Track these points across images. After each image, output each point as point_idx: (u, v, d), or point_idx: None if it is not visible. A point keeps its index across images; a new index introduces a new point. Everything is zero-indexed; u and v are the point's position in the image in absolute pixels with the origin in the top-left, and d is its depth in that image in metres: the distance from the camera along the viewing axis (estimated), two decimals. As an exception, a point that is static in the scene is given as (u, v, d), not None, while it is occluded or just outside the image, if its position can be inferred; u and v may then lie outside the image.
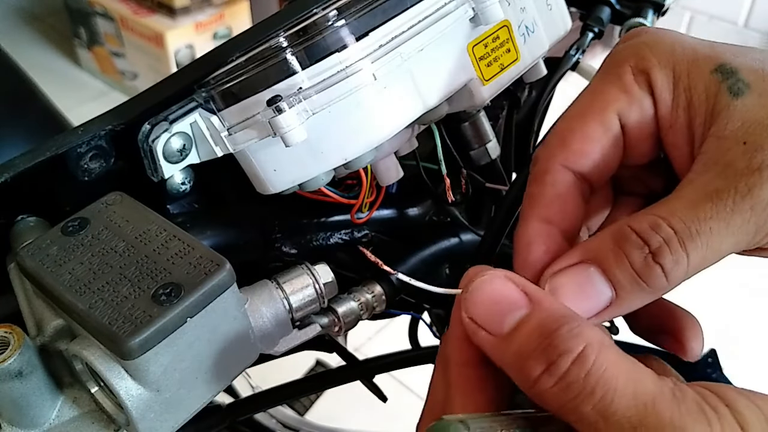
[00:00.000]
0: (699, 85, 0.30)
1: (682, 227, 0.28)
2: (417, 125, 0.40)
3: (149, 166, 0.37)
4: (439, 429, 0.25)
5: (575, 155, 0.32)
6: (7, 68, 0.89)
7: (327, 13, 0.33)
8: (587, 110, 0.33)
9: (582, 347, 0.25)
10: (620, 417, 0.24)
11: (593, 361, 0.25)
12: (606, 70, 0.34)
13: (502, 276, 0.29)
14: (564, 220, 0.32)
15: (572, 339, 0.26)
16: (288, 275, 0.39)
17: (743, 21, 2.37)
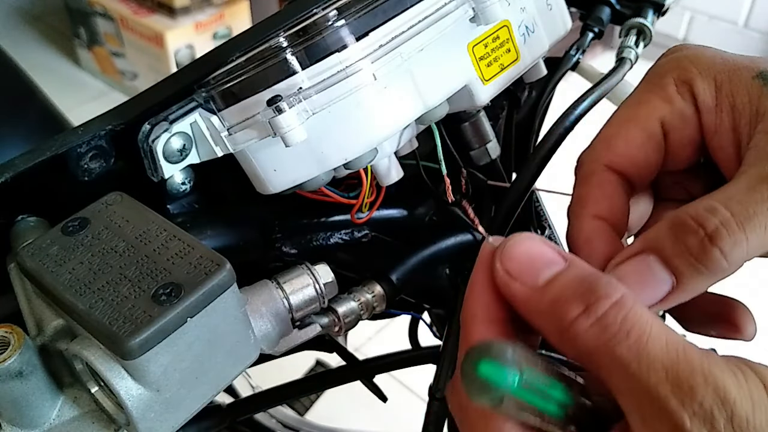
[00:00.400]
0: (741, 90, 0.32)
1: (740, 209, 0.29)
2: (417, 125, 0.40)
3: (149, 166, 0.37)
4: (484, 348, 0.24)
5: (619, 158, 0.34)
6: (7, 68, 0.89)
7: (327, 13, 0.33)
8: (632, 117, 0.34)
9: (620, 295, 0.26)
10: (653, 359, 0.25)
11: (630, 307, 0.26)
12: (649, 81, 0.35)
13: (539, 238, 0.30)
14: (613, 217, 0.34)
15: (611, 287, 0.27)
16: (288, 275, 0.39)
17: (743, 21, 2.37)
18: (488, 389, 0.23)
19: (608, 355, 0.26)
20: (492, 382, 0.23)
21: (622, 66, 0.46)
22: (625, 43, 0.50)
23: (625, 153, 0.34)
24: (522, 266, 0.29)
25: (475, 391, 0.24)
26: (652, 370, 0.25)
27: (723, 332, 0.35)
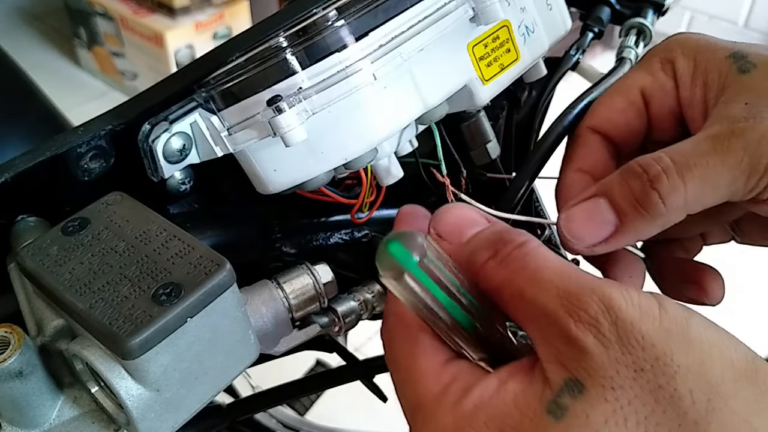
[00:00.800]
0: (714, 67, 0.35)
1: (681, 159, 0.32)
2: (417, 125, 0.40)
3: (149, 166, 0.37)
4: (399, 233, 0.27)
5: (601, 121, 0.38)
6: (7, 68, 0.89)
7: (327, 13, 0.33)
8: (616, 87, 0.39)
9: (525, 240, 0.29)
10: (546, 282, 0.27)
11: (532, 248, 0.29)
12: (640, 61, 0.40)
13: (468, 206, 0.33)
14: (596, 171, 0.37)
15: (517, 234, 0.29)
16: (288, 275, 0.39)
17: (743, 21, 2.37)
18: (392, 264, 0.26)
19: (510, 287, 0.28)
20: (396, 257, 0.26)
21: (622, 66, 0.46)
22: (625, 43, 0.50)
23: (606, 117, 0.38)
24: (450, 228, 0.32)
25: (383, 265, 0.26)
26: (545, 291, 0.27)
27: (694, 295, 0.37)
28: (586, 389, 0.25)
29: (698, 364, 0.24)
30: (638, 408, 0.24)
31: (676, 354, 0.25)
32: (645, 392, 0.24)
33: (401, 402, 0.30)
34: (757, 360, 0.25)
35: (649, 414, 0.24)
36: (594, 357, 0.25)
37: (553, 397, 0.25)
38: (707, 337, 0.25)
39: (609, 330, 0.25)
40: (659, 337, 0.25)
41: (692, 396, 0.24)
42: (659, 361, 0.24)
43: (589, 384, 0.25)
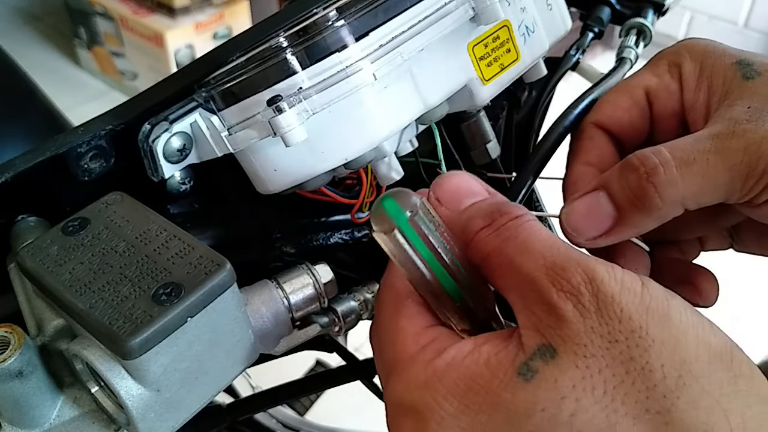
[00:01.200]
0: (719, 73, 0.36)
1: (681, 154, 0.32)
2: (417, 125, 0.40)
3: (149, 166, 0.37)
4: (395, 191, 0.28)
5: (606, 118, 0.39)
6: (7, 68, 0.89)
7: (327, 13, 0.33)
8: (621, 86, 0.39)
9: (522, 213, 0.30)
10: (535, 252, 0.28)
11: (527, 221, 0.29)
12: (647, 63, 0.40)
13: (470, 175, 0.33)
14: (601, 164, 0.38)
15: (515, 208, 0.30)
16: (288, 275, 0.39)
17: (743, 21, 2.37)
18: (384, 218, 0.27)
19: (499, 255, 0.29)
20: (389, 212, 0.27)
21: (622, 66, 0.46)
22: (625, 43, 0.50)
23: (611, 114, 0.38)
24: (449, 195, 0.32)
25: (375, 219, 0.28)
26: (532, 260, 0.27)
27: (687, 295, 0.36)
28: (558, 355, 0.25)
29: (674, 340, 0.25)
30: (608, 377, 0.24)
31: (652, 328, 0.25)
32: (616, 363, 0.24)
33: (378, 366, 0.31)
34: (734, 348, 0.25)
35: (618, 384, 0.24)
36: (571, 325, 0.25)
37: (525, 360, 0.26)
38: (686, 317, 0.25)
39: (589, 300, 0.25)
40: (638, 311, 0.25)
41: (663, 370, 0.24)
42: (634, 334, 0.25)
43: (561, 350, 0.25)
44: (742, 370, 0.25)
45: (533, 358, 0.25)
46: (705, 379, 0.24)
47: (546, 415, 0.24)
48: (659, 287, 0.26)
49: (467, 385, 0.26)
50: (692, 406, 0.23)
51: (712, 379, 0.24)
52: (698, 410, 0.23)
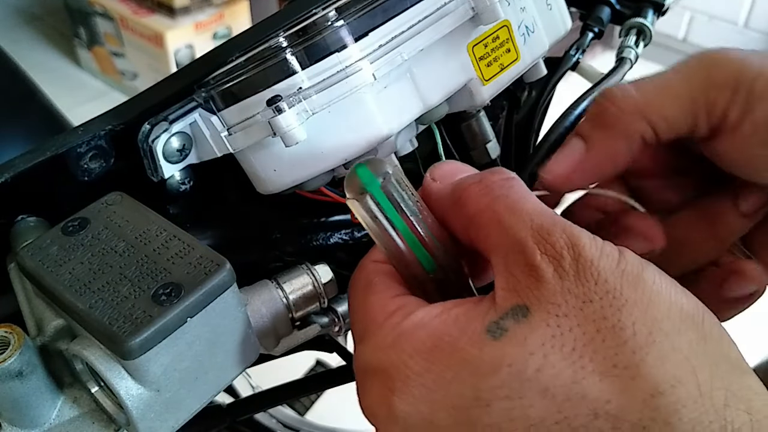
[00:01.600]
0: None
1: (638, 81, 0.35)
2: (417, 125, 0.40)
3: (149, 166, 0.37)
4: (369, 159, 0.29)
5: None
6: (7, 68, 0.89)
7: (327, 13, 0.33)
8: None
9: (512, 176, 0.30)
10: (524, 213, 0.28)
11: (518, 182, 0.30)
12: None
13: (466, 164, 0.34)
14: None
15: (507, 172, 0.30)
16: (288, 275, 0.39)
17: (743, 21, 2.37)
18: (356, 184, 0.28)
19: (488, 212, 0.29)
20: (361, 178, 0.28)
21: (622, 66, 0.46)
22: (625, 43, 0.50)
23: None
24: (444, 172, 0.33)
25: (348, 185, 0.29)
26: (521, 221, 0.28)
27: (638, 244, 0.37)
28: (531, 314, 0.25)
29: (646, 300, 0.25)
30: (578, 335, 0.24)
31: (626, 289, 0.25)
32: (588, 321, 0.24)
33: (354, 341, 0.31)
34: (706, 312, 0.26)
35: (587, 342, 0.24)
36: (548, 286, 0.25)
37: (496, 319, 0.26)
38: (659, 280, 0.26)
39: (569, 264, 0.26)
40: (614, 274, 0.25)
41: (634, 327, 0.24)
42: (609, 294, 0.25)
43: (534, 309, 0.25)
44: (713, 332, 0.25)
45: (504, 317, 0.26)
46: (675, 337, 0.24)
47: (512, 371, 0.24)
48: (635, 255, 0.27)
49: (433, 344, 0.26)
50: (661, 362, 0.23)
51: (682, 338, 0.24)
52: (666, 365, 0.23)
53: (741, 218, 0.37)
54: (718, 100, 0.33)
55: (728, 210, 0.37)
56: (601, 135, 0.35)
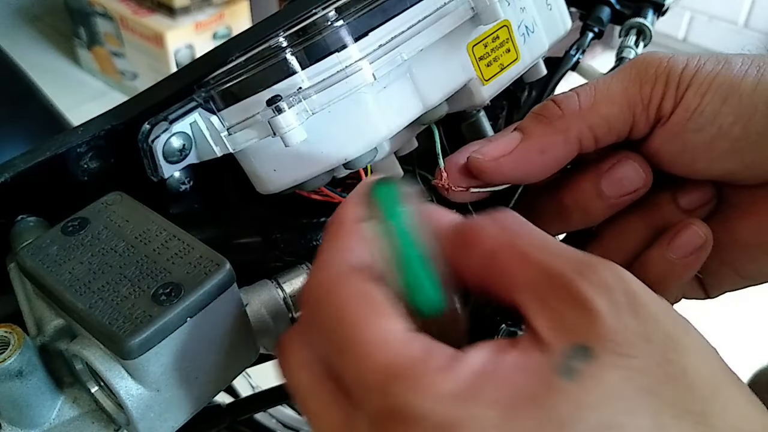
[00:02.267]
0: None
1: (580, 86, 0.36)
2: (417, 125, 0.40)
3: (149, 166, 0.37)
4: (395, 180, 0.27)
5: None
6: (7, 68, 0.89)
7: (326, 13, 0.33)
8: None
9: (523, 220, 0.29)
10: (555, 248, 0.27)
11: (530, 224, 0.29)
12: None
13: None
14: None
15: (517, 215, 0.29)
16: (288, 275, 0.39)
17: (743, 21, 2.37)
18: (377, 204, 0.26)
19: (510, 249, 0.27)
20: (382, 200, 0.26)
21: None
22: (625, 43, 0.50)
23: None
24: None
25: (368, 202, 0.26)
26: (554, 255, 0.26)
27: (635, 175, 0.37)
28: (596, 355, 0.23)
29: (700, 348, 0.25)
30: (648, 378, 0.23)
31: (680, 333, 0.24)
32: (654, 364, 0.23)
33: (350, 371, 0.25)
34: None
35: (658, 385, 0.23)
36: (605, 322, 0.24)
37: (563, 360, 0.23)
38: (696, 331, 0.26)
39: (622, 296, 0.24)
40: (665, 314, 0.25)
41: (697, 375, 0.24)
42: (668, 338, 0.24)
43: (598, 349, 0.23)
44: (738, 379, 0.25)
45: (570, 358, 0.24)
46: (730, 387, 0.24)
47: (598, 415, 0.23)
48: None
49: (509, 393, 0.23)
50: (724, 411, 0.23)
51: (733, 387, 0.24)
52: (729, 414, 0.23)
53: (680, 213, 0.37)
54: (653, 94, 0.34)
55: (667, 204, 0.37)
56: (539, 130, 0.36)
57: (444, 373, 0.24)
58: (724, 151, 0.34)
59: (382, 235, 0.26)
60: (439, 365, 0.24)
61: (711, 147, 0.34)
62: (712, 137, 0.34)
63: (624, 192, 0.36)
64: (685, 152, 0.35)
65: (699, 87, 0.34)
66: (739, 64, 0.34)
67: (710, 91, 0.34)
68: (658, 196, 0.38)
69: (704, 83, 0.34)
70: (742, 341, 1.45)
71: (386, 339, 0.25)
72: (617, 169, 0.36)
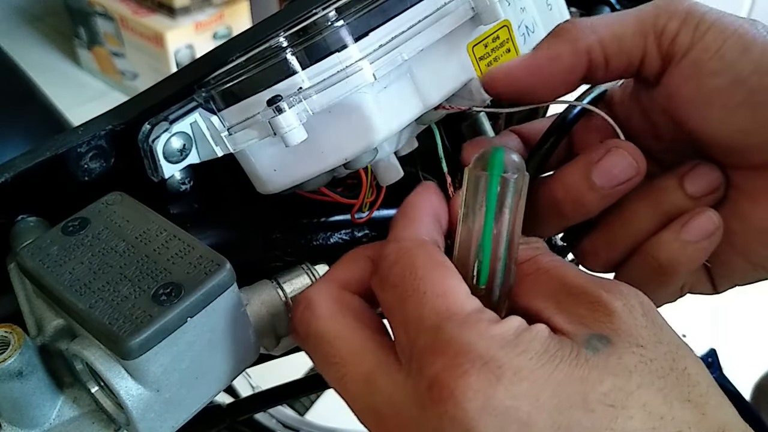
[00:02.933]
0: None
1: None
2: (417, 125, 0.40)
3: (149, 166, 0.37)
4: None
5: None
6: (7, 68, 0.89)
7: (327, 13, 0.33)
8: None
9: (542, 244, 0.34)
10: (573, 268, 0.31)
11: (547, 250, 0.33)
12: None
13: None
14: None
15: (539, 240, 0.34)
16: (288, 275, 0.39)
17: (743, 21, 2.37)
18: (485, 159, 0.30)
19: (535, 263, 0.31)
20: (492, 159, 0.30)
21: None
22: (625, 43, 0.50)
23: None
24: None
25: (479, 156, 0.30)
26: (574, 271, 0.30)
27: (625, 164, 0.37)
28: (613, 342, 0.27)
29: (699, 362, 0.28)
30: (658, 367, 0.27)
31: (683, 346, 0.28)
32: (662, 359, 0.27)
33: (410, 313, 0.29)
34: None
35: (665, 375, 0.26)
36: (621, 318, 0.27)
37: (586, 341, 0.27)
38: None
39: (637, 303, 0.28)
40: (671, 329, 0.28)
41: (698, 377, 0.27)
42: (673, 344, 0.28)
43: (615, 339, 0.27)
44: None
45: (591, 339, 0.27)
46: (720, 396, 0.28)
47: (617, 382, 0.26)
48: None
49: (543, 347, 0.27)
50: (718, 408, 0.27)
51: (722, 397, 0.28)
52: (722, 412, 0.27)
53: (687, 199, 0.37)
54: (668, 26, 0.34)
55: (674, 190, 0.37)
56: (549, 42, 0.36)
57: (494, 324, 0.28)
58: (739, 103, 0.34)
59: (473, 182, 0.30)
60: (490, 319, 0.28)
61: (728, 94, 0.34)
62: (729, 84, 0.33)
63: (616, 182, 0.36)
64: (700, 96, 0.34)
65: (722, 31, 0.34)
66: (760, 26, 0.35)
67: (732, 37, 0.33)
68: (665, 182, 0.37)
69: (727, 29, 0.34)
70: (745, 344, 1.45)
71: (447, 292, 0.29)
72: (608, 159, 0.36)
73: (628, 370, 0.26)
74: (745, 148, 0.35)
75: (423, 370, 0.27)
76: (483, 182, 0.30)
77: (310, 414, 1.35)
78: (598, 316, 0.28)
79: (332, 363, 0.30)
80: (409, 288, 0.29)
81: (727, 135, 0.35)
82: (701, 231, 0.36)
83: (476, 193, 0.30)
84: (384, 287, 0.31)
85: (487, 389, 0.25)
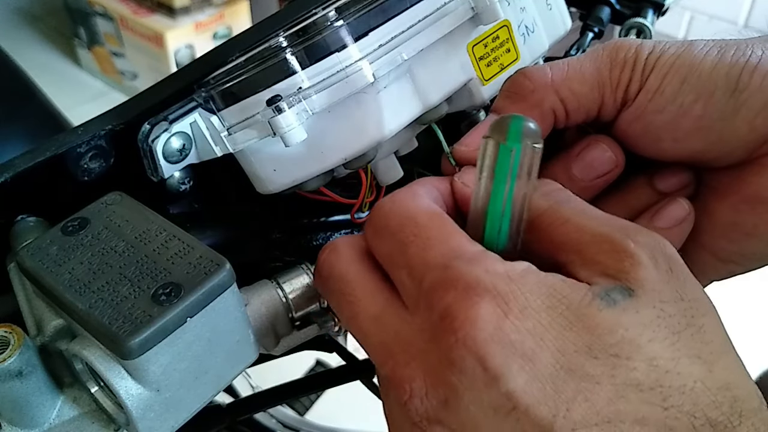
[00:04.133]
0: None
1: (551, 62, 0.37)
2: (417, 125, 0.40)
3: (149, 166, 0.37)
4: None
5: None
6: (7, 68, 0.89)
7: (327, 13, 0.33)
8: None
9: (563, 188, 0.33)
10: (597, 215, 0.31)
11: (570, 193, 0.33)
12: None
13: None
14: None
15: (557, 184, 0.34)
16: (288, 275, 0.39)
17: (743, 21, 2.37)
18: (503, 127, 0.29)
19: (553, 214, 0.30)
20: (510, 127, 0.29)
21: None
22: (625, 43, 0.50)
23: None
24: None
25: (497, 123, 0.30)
26: (597, 220, 0.30)
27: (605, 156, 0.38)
28: (636, 294, 0.27)
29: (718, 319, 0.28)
30: (675, 323, 0.27)
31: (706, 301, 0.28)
32: (681, 315, 0.27)
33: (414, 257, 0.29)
34: None
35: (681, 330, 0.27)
36: (647, 270, 0.27)
37: (605, 292, 0.27)
38: None
39: (662, 256, 0.28)
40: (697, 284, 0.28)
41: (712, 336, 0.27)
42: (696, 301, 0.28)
43: (639, 291, 0.27)
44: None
45: (612, 291, 0.27)
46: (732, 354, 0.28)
47: (627, 335, 0.26)
48: None
49: (549, 291, 0.27)
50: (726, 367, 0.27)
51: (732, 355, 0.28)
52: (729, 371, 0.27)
53: (658, 196, 0.38)
54: (621, 77, 0.35)
55: (643, 187, 0.38)
56: (514, 107, 0.36)
57: (500, 262, 0.28)
58: (689, 131, 0.35)
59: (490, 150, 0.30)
60: (497, 258, 0.28)
61: (674, 126, 0.35)
62: (673, 117, 0.35)
63: (595, 175, 0.37)
64: (649, 133, 0.36)
65: (660, 69, 0.35)
66: (700, 46, 0.35)
67: (671, 72, 0.35)
68: (635, 180, 0.38)
69: (665, 66, 0.35)
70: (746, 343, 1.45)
71: (450, 237, 0.29)
72: (587, 152, 0.37)
73: (643, 324, 0.26)
74: (704, 161, 0.36)
75: (433, 304, 0.28)
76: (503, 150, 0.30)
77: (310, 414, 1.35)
78: (625, 266, 0.27)
79: (348, 301, 0.31)
80: (409, 234, 0.30)
81: (685, 157, 0.36)
82: (672, 218, 0.37)
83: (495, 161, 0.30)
84: (382, 235, 0.31)
85: (496, 320, 0.26)
